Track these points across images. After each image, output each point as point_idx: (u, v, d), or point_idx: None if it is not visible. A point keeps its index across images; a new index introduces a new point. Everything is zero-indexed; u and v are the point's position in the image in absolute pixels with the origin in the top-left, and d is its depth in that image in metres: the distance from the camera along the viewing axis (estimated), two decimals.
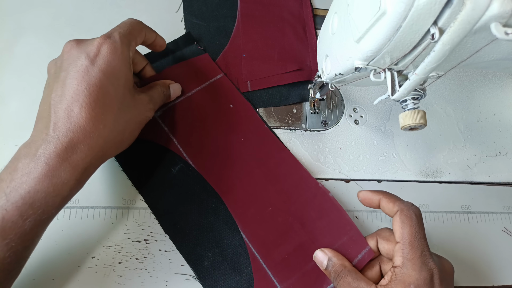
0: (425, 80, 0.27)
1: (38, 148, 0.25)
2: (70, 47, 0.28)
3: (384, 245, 0.30)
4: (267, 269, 0.33)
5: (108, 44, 0.27)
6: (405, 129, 0.29)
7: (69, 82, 0.26)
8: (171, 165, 0.36)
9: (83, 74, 0.26)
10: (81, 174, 0.26)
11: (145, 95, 0.32)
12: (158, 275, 0.33)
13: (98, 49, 0.27)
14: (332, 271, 0.30)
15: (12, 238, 0.24)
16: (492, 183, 0.42)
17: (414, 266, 0.27)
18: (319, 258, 0.32)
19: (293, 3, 0.46)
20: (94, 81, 0.26)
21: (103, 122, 0.27)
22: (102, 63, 0.27)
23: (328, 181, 0.39)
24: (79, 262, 0.32)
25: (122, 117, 0.29)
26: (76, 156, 0.25)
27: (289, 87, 0.42)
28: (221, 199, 0.35)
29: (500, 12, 0.18)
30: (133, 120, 0.30)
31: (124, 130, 0.29)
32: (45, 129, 0.25)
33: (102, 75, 0.27)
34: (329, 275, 0.31)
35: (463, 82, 0.47)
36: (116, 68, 0.28)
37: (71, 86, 0.26)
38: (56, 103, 0.26)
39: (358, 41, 0.24)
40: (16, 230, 0.24)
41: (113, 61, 0.27)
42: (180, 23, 0.42)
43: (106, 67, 0.27)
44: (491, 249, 0.39)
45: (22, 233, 0.24)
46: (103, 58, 0.27)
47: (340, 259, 0.31)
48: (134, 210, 0.35)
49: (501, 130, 0.45)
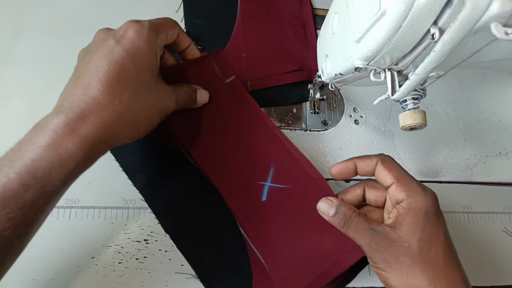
0: (425, 80, 0.27)
1: (49, 119, 0.25)
2: (101, 32, 0.28)
3: (373, 193, 0.31)
4: (266, 264, 0.33)
5: (135, 26, 0.28)
6: (405, 129, 0.29)
7: (93, 60, 0.27)
8: (171, 164, 0.36)
9: (107, 53, 0.27)
10: (89, 147, 0.25)
11: (169, 86, 0.32)
12: (158, 275, 0.33)
13: (125, 31, 0.28)
14: (342, 217, 0.30)
15: (12, 208, 0.23)
16: (492, 183, 0.42)
17: (418, 193, 0.28)
18: (325, 207, 0.31)
19: (293, 3, 0.46)
20: (116, 59, 0.27)
21: (118, 97, 0.27)
22: (127, 42, 0.27)
23: (328, 181, 0.39)
24: (79, 262, 0.32)
25: (140, 97, 0.28)
26: (86, 127, 0.25)
27: (289, 87, 0.42)
28: (221, 198, 0.35)
29: (500, 12, 0.18)
30: (152, 103, 0.30)
31: (141, 111, 0.29)
32: (62, 102, 0.26)
33: (125, 54, 0.27)
34: (337, 221, 0.30)
35: (463, 82, 0.47)
36: (140, 49, 0.28)
37: (94, 64, 0.26)
38: (77, 78, 0.26)
39: (358, 41, 0.24)
40: (17, 200, 0.23)
41: (137, 42, 0.28)
42: (180, 23, 0.42)
43: (130, 47, 0.27)
44: (491, 249, 0.39)
45: (23, 203, 0.23)
46: (128, 38, 0.27)
47: (348, 205, 0.31)
48: (134, 210, 0.35)
49: (501, 130, 0.45)
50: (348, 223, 0.30)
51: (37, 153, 0.24)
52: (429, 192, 0.29)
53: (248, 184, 0.35)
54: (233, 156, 0.36)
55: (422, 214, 0.27)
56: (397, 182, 0.29)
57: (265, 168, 0.36)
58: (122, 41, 0.27)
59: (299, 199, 0.35)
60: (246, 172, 0.36)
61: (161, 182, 0.35)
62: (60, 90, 0.30)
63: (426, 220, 0.27)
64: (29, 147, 0.24)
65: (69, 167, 0.25)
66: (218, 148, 0.36)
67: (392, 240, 0.28)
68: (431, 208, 0.28)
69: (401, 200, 0.29)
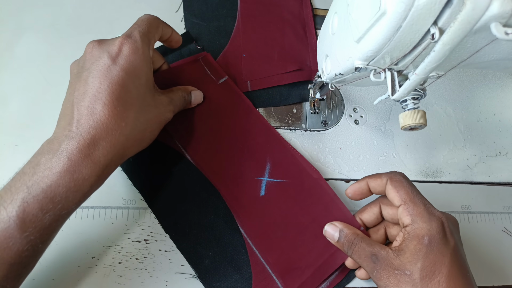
0: (425, 80, 0.27)
1: (61, 143, 0.25)
2: (92, 47, 0.28)
3: (388, 211, 0.31)
4: (265, 264, 0.33)
5: (130, 44, 0.28)
6: (405, 129, 0.29)
7: (92, 80, 0.27)
8: (171, 164, 0.36)
9: (105, 73, 0.27)
10: (102, 171, 0.27)
11: (165, 96, 0.32)
12: (158, 275, 0.33)
13: (119, 49, 0.28)
14: (345, 241, 0.30)
15: (32, 232, 0.24)
16: (492, 183, 0.42)
17: (423, 219, 0.27)
18: (330, 231, 0.32)
19: (293, 3, 0.46)
20: (116, 80, 0.27)
21: (124, 119, 0.27)
22: (124, 62, 0.27)
23: (328, 181, 0.39)
24: (79, 262, 0.32)
25: (143, 115, 0.29)
26: (98, 153, 0.26)
27: (289, 87, 0.42)
28: (221, 197, 0.35)
29: (500, 12, 0.18)
30: (154, 119, 0.31)
31: (145, 129, 0.30)
32: (68, 126, 0.26)
33: (124, 74, 0.27)
34: (342, 246, 0.31)
35: (463, 82, 0.47)
36: (137, 67, 0.28)
37: (94, 85, 0.26)
38: (79, 101, 0.26)
39: (358, 41, 0.24)
40: (36, 223, 0.24)
41: (134, 60, 0.28)
42: (180, 23, 0.42)
43: (128, 66, 0.27)
44: (491, 249, 0.39)
45: (41, 226, 0.25)
46: (125, 58, 0.28)
47: (351, 229, 0.31)
48: (134, 210, 0.35)
49: (501, 130, 0.45)
50: (351, 249, 0.30)
51: (54, 180, 0.25)
52: (437, 216, 0.28)
53: (246, 180, 0.36)
54: (230, 153, 0.37)
55: (425, 242, 0.27)
56: (404, 205, 0.28)
57: (261, 163, 0.37)
58: (119, 61, 0.27)
59: (297, 193, 0.36)
60: (243, 168, 0.36)
61: (161, 182, 0.35)
62: (60, 90, 0.30)
63: (429, 248, 0.26)
64: (45, 173, 0.25)
65: (84, 190, 0.26)
66: (215, 146, 0.37)
67: (395, 268, 0.27)
68: (435, 235, 0.27)
69: (406, 224, 0.28)
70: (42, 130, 0.30)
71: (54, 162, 0.25)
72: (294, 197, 0.36)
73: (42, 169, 0.25)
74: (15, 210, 0.24)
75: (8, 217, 0.24)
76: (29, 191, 0.24)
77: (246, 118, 0.38)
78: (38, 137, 0.28)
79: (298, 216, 0.35)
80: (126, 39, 0.28)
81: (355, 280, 0.35)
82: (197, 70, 0.39)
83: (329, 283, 0.34)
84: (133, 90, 0.28)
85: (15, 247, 0.24)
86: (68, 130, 0.26)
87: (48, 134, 0.27)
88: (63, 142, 0.25)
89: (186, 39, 0.41)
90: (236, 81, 0.40)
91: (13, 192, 0.24)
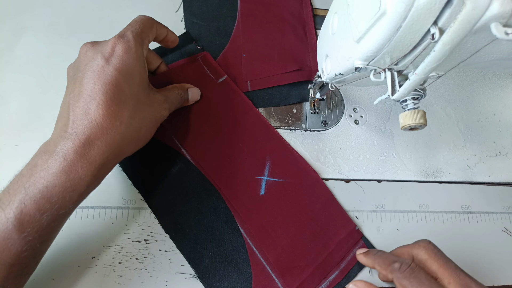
0: (425, 80, 0.27)
1: (57, 144, 0.26)
2: (86, 49, 0.28)
3: None
4: (265, 264, 0.33)
5: (122, 44, 0.28)
6: (405, 129, 0.29)
7: (86, 81, 0.27)
8: (171, 164, 0.36)
9: (99, 73, 0.27)
10: (98, 170, 0.27)
11: (160, 95, 0.32)
12: (158, 275, 0.33)
13: (112, 49, 0.28)
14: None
15: (30, 232, 0.25)
16: (492, 183, 0.42)
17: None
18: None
19: (293, 3, 0.46)
20: (110, 80, 0.27)
21: (119, 119, 0.27)
22: (117, 62, 0.28)
23: (328, 181, 0.39)
24: (79, 262, 0.32)
25: (137, 114, 0.29)
26: (93, 152, 0.26)
27: (289, 87, 0.42)
28: (221, 197, 0.35)
29: (500, 12, 0.18)
30: (149, 118, 0.31)
31: (140, 128, 0.30)
32: (64, 127, 0.26)
33: (118, 74, 0.27)
34: None
35: (463, 82, 0.47)
36: (131, 66, 0.28)
37: (88, 85, 0.27)
38: (74, 102, 0.27)
39: (358, 41, 0.24)
40: (33, 224, 0.25)
41: (127, 60, 0.28)
42: (180, 23, 0.42)
43: (121, 66, 0.28)
44: (491, 249, 0.39)
45: (39, 227, 0.25)
46: (118, 58, 0.28)
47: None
48: (134, 210, 0.35)
49: (501, 130, 0.45)
50: None
51: (51, 180, 0.25)
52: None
53: (246, 179, 0.36)
54: (230, 152, 0.37)
55: None
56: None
57: (261, 162, 0.37)
58: (112, 61, 0.27)
59: (296, 192, 0.36)
60: (243, 167, 0.37)
61: (161, 182, 0.35)
62: (60, 90, 0.30)
63: None
64: (41, 173, 0.25)
65: (81, 190, 0.26)
66: (215, 145, 0.37)
67: None
68: None
69: None
70: (42, 130, 0.30)
71: (50, 163, 0.25)
72: (293, 196, 0.36)
73: (39, 170, 0.25)
74: (13, 211, 0.24)
75: (6, 219, 0.24)
76: (26, 192, 0.24)
77: (245, 117, 0.38)
78: (38, 137, 0.28)
79: (297, 215, 0.35)
80: (119, 39, 0.28)
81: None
82: (196, 70, 0.39)
83: (329, 283, 0.34)
84: (127, 89, 0.28)
85: (14, 248, 0.24)
86: (64, 131, 0.26)
87: (48, 134, 0.27)
88: (59, 143, 0.26)
89: (186, 39, 0.41)
90: (236, 81, 0.40)
91: (11, 194, 0.25)
